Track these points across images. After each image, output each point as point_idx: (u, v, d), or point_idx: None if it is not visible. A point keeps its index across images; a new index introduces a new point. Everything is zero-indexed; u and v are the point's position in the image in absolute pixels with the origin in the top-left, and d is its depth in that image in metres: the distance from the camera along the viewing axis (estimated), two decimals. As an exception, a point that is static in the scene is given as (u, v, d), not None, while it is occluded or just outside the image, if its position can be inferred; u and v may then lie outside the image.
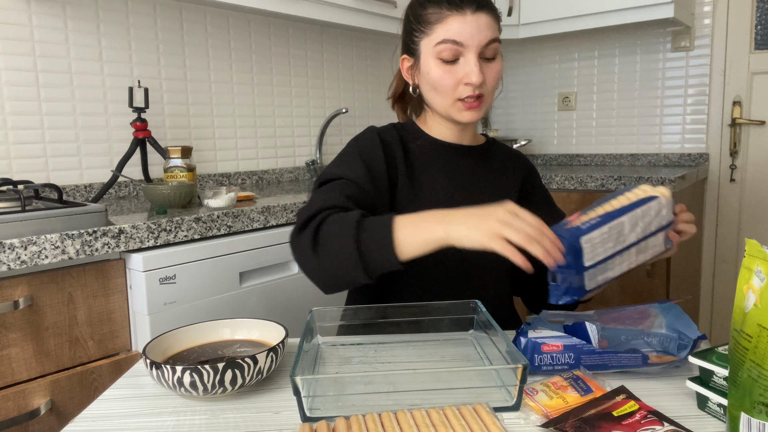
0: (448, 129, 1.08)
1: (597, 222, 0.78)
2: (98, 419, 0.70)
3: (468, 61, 0.97)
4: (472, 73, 0.96)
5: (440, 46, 0.97)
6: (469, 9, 0.97)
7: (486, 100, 1.01)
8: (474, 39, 0.96)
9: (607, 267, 0.80)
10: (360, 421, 0.63)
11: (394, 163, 1.03)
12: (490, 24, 0.98)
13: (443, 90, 0.99)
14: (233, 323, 0.88)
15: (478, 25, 0.97)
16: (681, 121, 2.48)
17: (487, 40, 0.97)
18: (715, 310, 2.50)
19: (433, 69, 0.99)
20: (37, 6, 1.56)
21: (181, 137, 1.90)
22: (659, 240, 0.85)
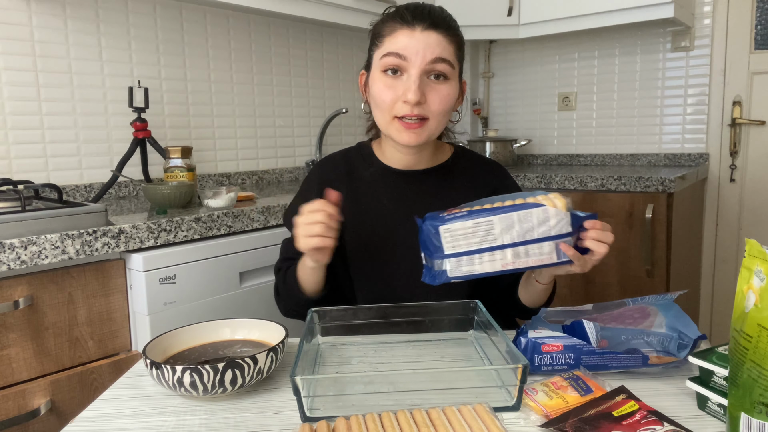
0: (399, 153, 1.04)
1: (462, 215, 0.81)
2: (98, 419, 0.70)
3: (409, 77, 0.94)
4: (409, 90, 0.93)
5: (385, 59, 0.95)
6: (420, 25, 0.95)
7: (430, 124, 0.96)
8: (418, 55, 0.93)
9: (473, 261, 0.83)
10: (360, 421, 0.63)
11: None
12: (440, 43, 0.95)
13: (382, 105, 0.96)
14: (233, 323, 0.88)
15: (426, 42, 0.94)
16: (681, 121, 2.48)
17: (433, 56, 0.94)
18: (715, 310, 2.50)
19: (376, 82, 0.97)
20: (37, 6, 1.56)
21: (181, 137, 1.90)
22: (546, 250, 0.83)
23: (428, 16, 0.96)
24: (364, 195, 1.07)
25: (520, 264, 0.84)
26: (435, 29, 0.95)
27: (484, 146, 2.64)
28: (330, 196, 0.89)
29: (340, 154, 1.14)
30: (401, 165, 1.06)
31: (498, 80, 2.98)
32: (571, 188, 2.08)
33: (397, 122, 0.96)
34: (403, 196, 1.06)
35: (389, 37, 0.96)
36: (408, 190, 1.06)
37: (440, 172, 1.07)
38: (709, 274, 2.49)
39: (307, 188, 1.12)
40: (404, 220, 1.03)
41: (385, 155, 1.08)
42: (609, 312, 0.86)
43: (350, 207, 1.03)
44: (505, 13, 2.43)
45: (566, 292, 2.10)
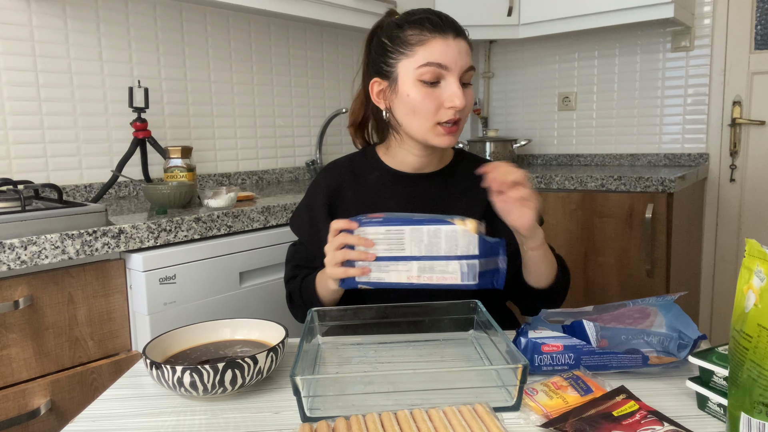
0: (413, 156, 1.06)
1: (377, 221, 0.83)
2: (98, 419, 0.70)
3: (450, 85, 0.97)
4: (456, 96, 0.96)
5: (423, 69, 0.97)
6: (450, 34, 0.97)
7: (461, 126, 1.01)
8: (457, 63, 0.97)
9: (380, 267, 0.85)
10: (360, 421, 0.63)
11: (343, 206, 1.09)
12: (468, 51, 1.00)
13: (424, 113, 0.98)
14: (233, 323, 0.88)
15: (459, 50, 0.98)
16: (681, 121, 2.48)
17: (468, 65, 0.99)
18: (715, 310, 2.50)
19: (413, 91, 0.98)
20: (37, 6, 1.56)
21: (181, 137, 1.90)
22: (450, 268, 0.85)
23: (453, 24, 1.00)
24: (370, 198, 1.08)
25: (425, 279, 0.86)
26: (461, 37, 1.00)
27: (484, 146, 2.64)
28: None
29: (346, 159, 1.15)
30: (410, 169, 1.08)
31: (498, 80, 2.98)
32: (571, 188, 2.08)
33: (439, 128, 0.99)
34: (409, 199, 1.07)
35: (421, 47, 0.97)
36: (414, 193, 1.07)
37: (444, 175, 1.10)
38: (709, 274, 2.49)
39: (314, 195, 1.14)
40: None
41: (396, 159, 1.09)
42: (609, 313, 0.86)
43: (356, 210, 1.04)
44: (505, 13, 2.43)
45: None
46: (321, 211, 1.10)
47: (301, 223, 1.15)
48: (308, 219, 1.13)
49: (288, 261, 1.16)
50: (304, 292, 1.06)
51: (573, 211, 2.09)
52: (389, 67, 1.02)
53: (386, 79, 1.03)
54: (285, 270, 1.17)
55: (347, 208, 1.09)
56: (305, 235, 1.13)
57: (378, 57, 1.04)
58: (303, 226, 1.14)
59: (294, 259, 1.14)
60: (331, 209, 1.10)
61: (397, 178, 1.08)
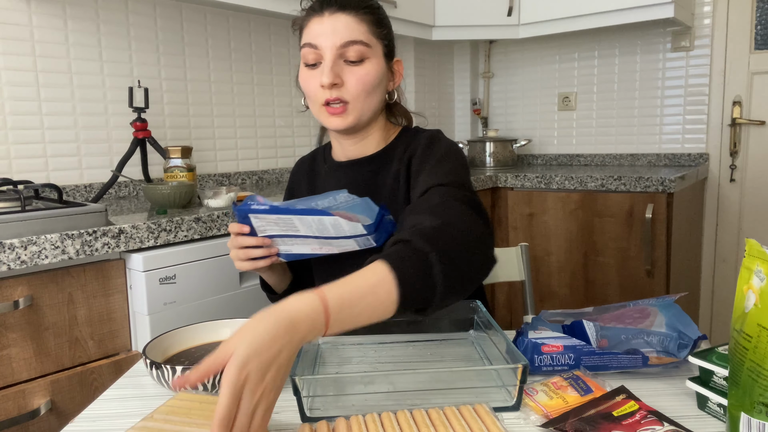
0: (339, 144, 1.06)
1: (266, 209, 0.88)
2: (98, 419, 0.70)
3: (324, 63, 0.94)
4: (324, 74, 0.93)
5: (303, 51, 0.97)
6: (327, 10, 0.94)
7: (354, 106, 0.96)
8: (328, 40, 0.93)
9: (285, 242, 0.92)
10: (360, 421, 0.63)
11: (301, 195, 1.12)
12: (350, 25, 0.94)
13: (309, 95, 0.98)
14: (233, 323, 0.88)
15: (333, 27, 0.93)
16: (681, 121, 2.48)
17: (343, 41, 0.93)
18: (715, 310, 2.50)
19: (301, 74, 0.99)
20: (37, 6, 1.56)
21: (181, 137, 1.90)
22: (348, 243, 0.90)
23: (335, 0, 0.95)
24: (320, 189, 1.10)
25: (327, 250, 0.91)
26: (343, 11, 0.94)
27: (484, 146, 2.64)
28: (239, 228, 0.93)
29: (310, 154, 1.18)
30: (344, 157, 1.07)
31: (498, 80, 2.98)
32: (571, 188, 2.08)
33: (324, 109, 0.97)
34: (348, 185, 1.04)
35: (305, 30, 0.97)
36: (348, 181, 1.04)
37: (380, 158, 1.03)
38: (709, 274, 2.49)
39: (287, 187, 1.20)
40: None
41: (336, 149, 1.09)
42: (609, 313, 0.86)
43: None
44: (505, 13, 2.43)
45: (566, 292, 2.10)
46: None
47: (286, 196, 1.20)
48: None
49: None
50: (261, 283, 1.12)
51: (573, 211, 2.09)
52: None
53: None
54: None
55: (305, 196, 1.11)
56: None
57: None
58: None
59: None
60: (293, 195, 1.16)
61: (335, 167, 1.07)
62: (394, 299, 0.64)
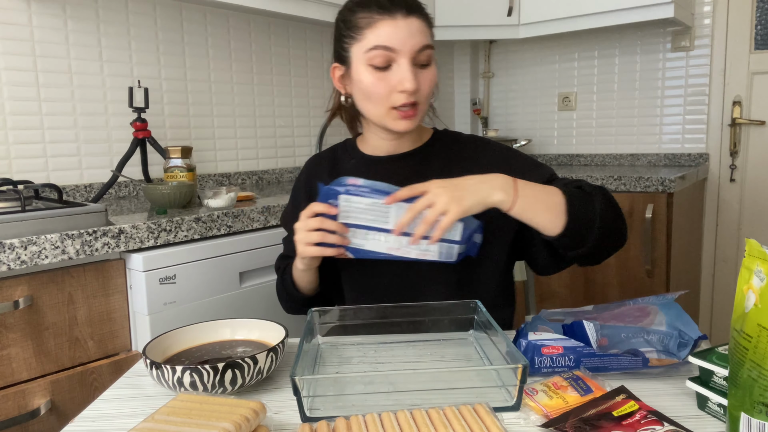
0: (382, 140, 1.05)
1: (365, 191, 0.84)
2: (98, 419, 0.70)
3: (401, 67, 0.93)
4: (406, 79, 0.92)
5: (372, 53, 0.93)
6: (399, 13, 0.93)
7: (421, 108, 0.97)
8: (406, 44, 0.92)
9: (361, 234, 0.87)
10: (360, 421, 0.63)
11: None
12: (422, 29, 0.94)
13: (376, 98, 0.96)
14: (233, 323, 0.88)
15: (410, 30, 0.93)
16: (681, 121, 2.48)
17: (420, 45, 0.94)
18: (715, 310, 2.50)
19: (365, 76, 0.95)
20: (37, 6, 1.56)
21: (181, 137, 1.90)
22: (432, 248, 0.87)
23: (403, 2, 0.94)
24: None
25: (404, 253, 0.87)
26: (413, 14, 0.94)
27: (484, 146, 2.63)
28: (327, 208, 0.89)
29: (327, 151, 1.15)
30: (383, 153, 1.07)
31: (498, 80, 2.98)
32: (571, 188, 2.08)
33: (394, 112, 0.96)
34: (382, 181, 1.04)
35: (370, 29, 0.94)
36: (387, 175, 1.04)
37: (418, 155, 1.06)
38: (709, 274, 2.49)
39: (297, 187, 1.15)
40: None
41: (369, 145, 1.08)
42: (609, 311, 0.86)
43: None
44: (505, 13, 2.43)
45: (566, 292, 2.10)
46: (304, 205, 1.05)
47: (288, 217, 1.15)
48: (292, 213, 1.11)
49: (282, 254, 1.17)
50: (286, 278, 1.06)
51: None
52: (345, 52, 0.99)
53: (344, 65, 1.01)
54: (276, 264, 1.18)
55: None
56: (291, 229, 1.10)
57: (336, 41, 1.01)
58: (289, 221, 1.12)
59: (285, 250, 1.15)
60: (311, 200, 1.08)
61: (370, 163, 1.07)
62: (563, 212, 0.84)
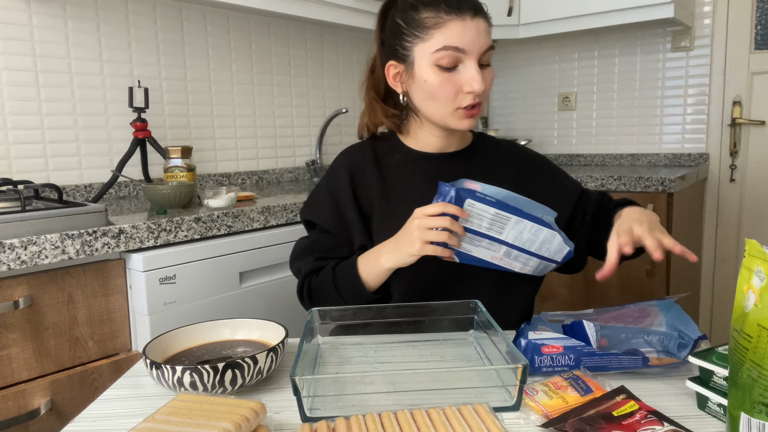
0: (435, 137, 1.05)
1: (490, 201, 0.85)
2: (98, 419, 0.70)
3: (469, 69, 0.94)
4: (475, 80, 0.93)
5: (440, 53, 0.93)
6: (468, 13, 0.93)
7: (482, 107, 1.00)
8: (475, 45, 0.93)
9: (473, 240, 0.88)
10: (360, 421, 0.63)
11: (366, 193, 1.04)
12: (487, 30, 0.96)
13: (443, 98, 0.96)
14: (233, 323, 0.88)
15: (478, 31, 0.94)
16: (681, 121, 2.48)
17: (487, 46, 0.95)
18: (715, 310, 2.50)
19: (431, 77, 0.95)
20: (37, 6, 1.56)
21: (181, 137, 1.90)
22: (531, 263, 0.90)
23: (471, 2, 0.94)
24: (392, 180, 1.05)
25: (504, 264, 0.90)
26: (480, 15, 0.95)
27: (484, 146, 2.64)
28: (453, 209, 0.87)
29: (366, 142, 1.11)
30: (432, 149, 1.07)
31: (498, 80, 2.98)
32: (571, 188, 2.08)
33: (460, 111, 0.97)
34: (435, 177, 1.04)
35: (438, 30, 0.93)
36: (439, 172, 1.05)
37: (466, 155, 1.09)
38: (709, 274, 2.49)
39: (336, 179, 1.07)
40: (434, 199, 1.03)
41: (417, 141, 1.07)
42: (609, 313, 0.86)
43: (380, 191, 1.03)
44: (505, 13, 2.43)
45: (566, 293, 2.10)
46: (346, 196, 1.04)
47: (324, 210, 1.06)
48: (333, 205, 1.05)
49: (303, 253, 1.06)
50: (341, 280, 0.99)
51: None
52: (405, 51, 0.98)
53: (402, 63, 0.99)
54: (298, 264, 1.07)
55: (370, 191, 1.04)
56: (331, 223, 1.04)
57: (393, 39, 1.00)
58: (326, 214, 1.05)
59: (314, 251, 1.05)
60: (354, 192, 1.04)
61: (420, 158, 1.06)
62: None
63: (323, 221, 1.05)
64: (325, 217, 1.05)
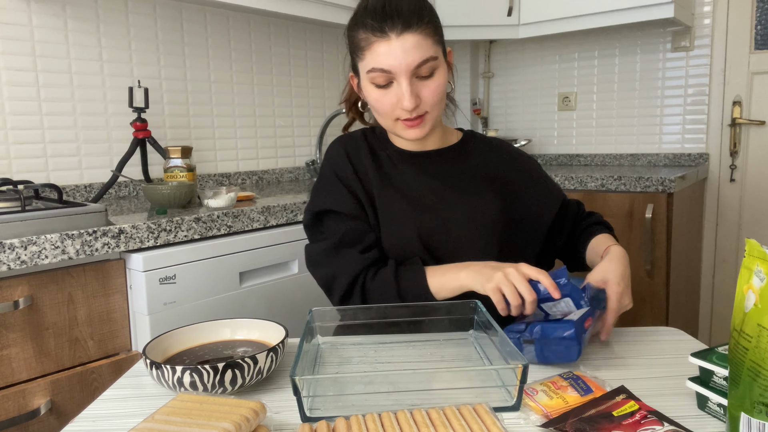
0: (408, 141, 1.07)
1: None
2: (98, 419, 0.70)
3: (399, 86, 0.94)
4: (404, 98, 0.93)
5: (372, 74, 0.95)
6: (393, 32, 0.91)
7: (430, 115, 0.97)
8: (401, 64, 0.92)
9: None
10: (360, 421, 0.63)
11: (365, 176, 1.05)
12: (419, 43, 0.92)
13: (382, 112, 0.98)
14: (233, 323, 0.88)
15: (404, 49, 0.91)
16: (681, 121, 2.48)
17: (417, 62, 0.92)
18: (715, 310, 2.50)
19: (370, 93, 0.98)
20: (37, 6, 1.56)
21: (181, 137, 1.90)
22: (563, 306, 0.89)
23: (397, 17, 0.91)
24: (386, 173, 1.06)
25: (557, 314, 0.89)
26: (409, 30, 0.91)
27: (484, 146, 2.63)
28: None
29: (359, 133, 1.12)
30: (413, 148, 1.09)
31: (498, 80, 2.98)
32: (571, 188, 2.08)
33: (400, 123, 0.99)
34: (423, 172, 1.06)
35: (368, 51, 0.95)
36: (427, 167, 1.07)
37: (453, 152, 1.10)
38: (709, 274, 2.49)
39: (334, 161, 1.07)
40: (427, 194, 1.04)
41: (396, 140, 1.09)
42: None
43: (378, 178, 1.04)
44: (505, 13, 2.43)
45: (566, 292, 2.09)
46: (352, 179, 1.04)
47: (340, 195, 1.03)
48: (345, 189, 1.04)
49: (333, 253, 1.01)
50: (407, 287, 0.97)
51: (573, 211, 2.08)
52: (356, 66, 1.02)
53: (357, 77, 1.03)
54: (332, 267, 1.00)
55: (368, 176, 1.05)
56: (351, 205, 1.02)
57: (350, 53, 1.04)
58: (344, 198, 1.03)
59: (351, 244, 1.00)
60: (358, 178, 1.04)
61: (408, 156, 1.08)
62: None
63: (342, 206, 1.02)
64: (342, 201, 1.02)
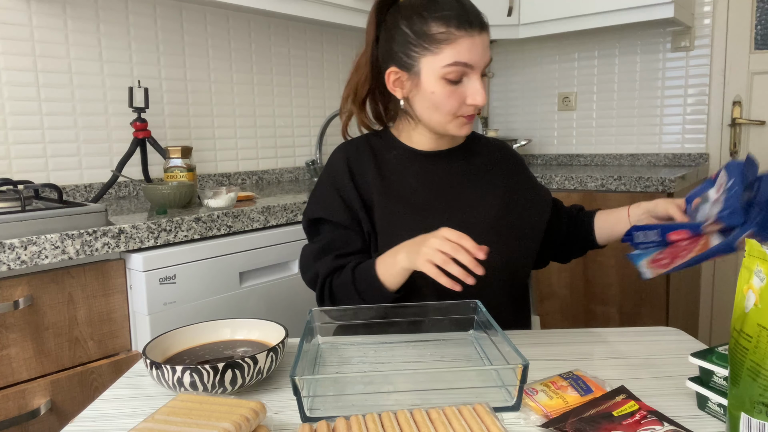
0: (428, 139, 1.08)
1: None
2: (98, 419, 0.70)
3: (473, 83, 0.97)
4: (479, 94, 0.97)
5: (449, 68, 0.95)
6: (476, 30, 0.96)
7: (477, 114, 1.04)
8: (482, 61, 0.97)
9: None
10: (360, 421, 0.63)
11: (365, 183, 1.05)
12: (488, 44, 0.99)
13: (446, 109, 0.99)
14: (233, 323, 0.88)
15: (484, 46, 0.97)
16: (681, 121, 2.48)
17: (488, 59, 0.99)
18: (715, 310, 2.50)
19: (438, 89, 0.97)
20: (37, 6, 1.56)
21: (181, 137, 1.90)
22: None
23: (479, 18, 0.97)
24: (390, 176, 1.06)
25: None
26: (485, 30, 0.98)
27: (484, 146, 2.64)
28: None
29: (361, 138, 1.12)
30: (427, 147, 1.09)
31: (498, 80, 2.98)
32: (571, 188, 2.08)
33: (459, 119, 1.01)
34: (429, 174, 1.07)
35: (449, 45, 0.95)
36: (435, 169, 1.08)
37: (460, 152, 1.11)
38: (709, 274, 2.49)
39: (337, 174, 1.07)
40: (432, 198, 1.04)
41: (412, 139, 1.09)
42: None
43: (379, 184, 1.04)
44: (505, 13, 2.43)
45: (566, 293, 2.10)
46: (349, 188, 1.04)
47: (332, 204, 1.05)
48: (339, 198, 1.04)
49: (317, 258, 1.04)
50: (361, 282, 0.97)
51: (573, 211, 2.08)
52: (410, 60, 0.99)
53: (406, 71, 1.00)
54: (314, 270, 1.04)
55: (369, 184, 1.04)
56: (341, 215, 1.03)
57: (396, 45, 1.00)
58: (335, 207, 1.04)
59: (329, 250, 1.03)
60: (355, 183, 1.04)
61: (416, 156, 1.08)
62: None
63: (333, 215, 1.04)
64: (334, 210, 1.04)
